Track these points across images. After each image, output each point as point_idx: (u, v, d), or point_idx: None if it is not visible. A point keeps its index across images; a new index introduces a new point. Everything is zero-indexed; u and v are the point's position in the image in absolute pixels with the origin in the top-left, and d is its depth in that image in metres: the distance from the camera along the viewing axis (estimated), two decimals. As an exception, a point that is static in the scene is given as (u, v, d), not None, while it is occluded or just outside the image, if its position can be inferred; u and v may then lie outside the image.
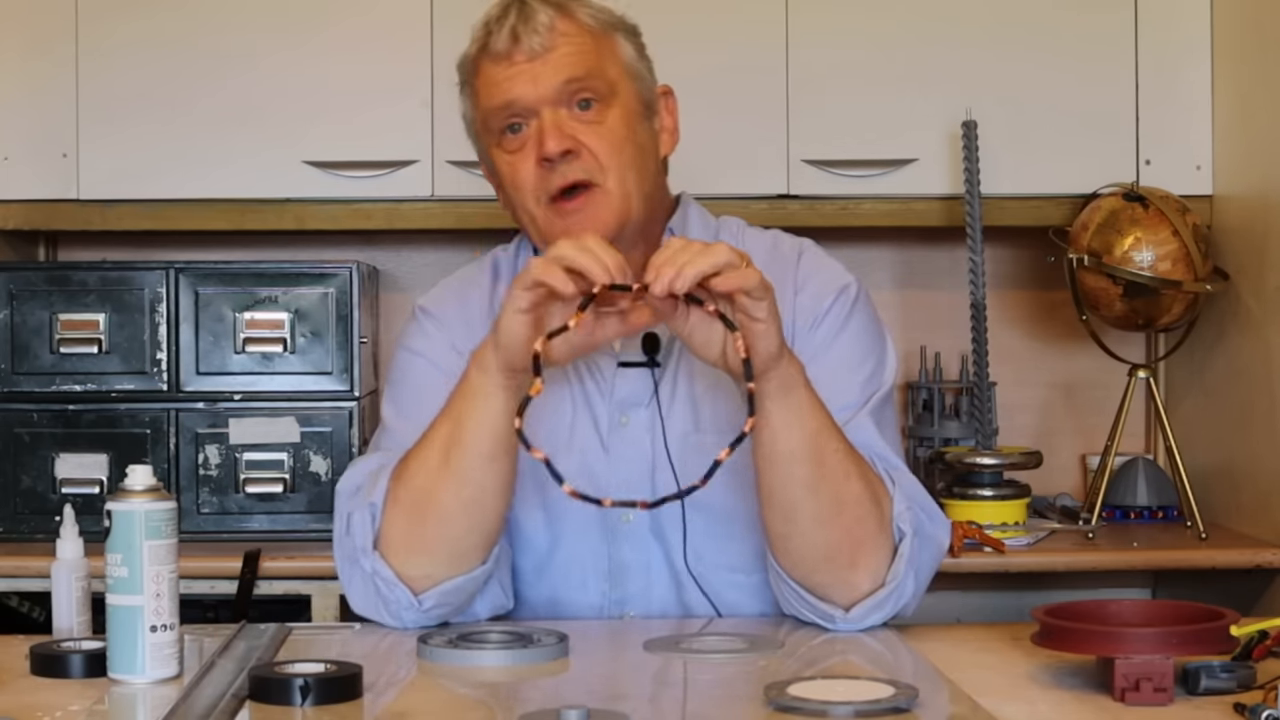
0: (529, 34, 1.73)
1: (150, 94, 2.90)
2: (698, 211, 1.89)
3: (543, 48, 1.73)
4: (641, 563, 1.80)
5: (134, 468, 1.49)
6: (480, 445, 1.63)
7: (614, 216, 1.74)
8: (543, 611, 1.82)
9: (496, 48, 1.74)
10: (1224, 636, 1.42)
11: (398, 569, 1.68)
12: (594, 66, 1.75)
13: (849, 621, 1.68)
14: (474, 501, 1.66)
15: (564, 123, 1.73)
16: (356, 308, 2.77)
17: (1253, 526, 2.81)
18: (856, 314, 1.81)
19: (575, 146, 1.73)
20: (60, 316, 2.77)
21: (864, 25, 2.94)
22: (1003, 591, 2.99)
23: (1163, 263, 2.79)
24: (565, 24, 1.75)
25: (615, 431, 1.80)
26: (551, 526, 1.81)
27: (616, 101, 1.76)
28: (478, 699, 1.48)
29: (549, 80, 1.73)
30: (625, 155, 1.75)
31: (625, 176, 1.75)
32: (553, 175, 1.73)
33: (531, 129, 1.74)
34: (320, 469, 2.76)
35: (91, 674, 1.50)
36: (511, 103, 1.74)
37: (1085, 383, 3.24)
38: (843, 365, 1.75)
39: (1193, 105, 2.94)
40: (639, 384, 1.80)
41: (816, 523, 1.63)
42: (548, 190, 1.73)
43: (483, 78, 1.76)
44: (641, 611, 1.81)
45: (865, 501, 1.64)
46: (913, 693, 1.35)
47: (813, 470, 1.61)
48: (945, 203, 2.95)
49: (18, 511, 2.77)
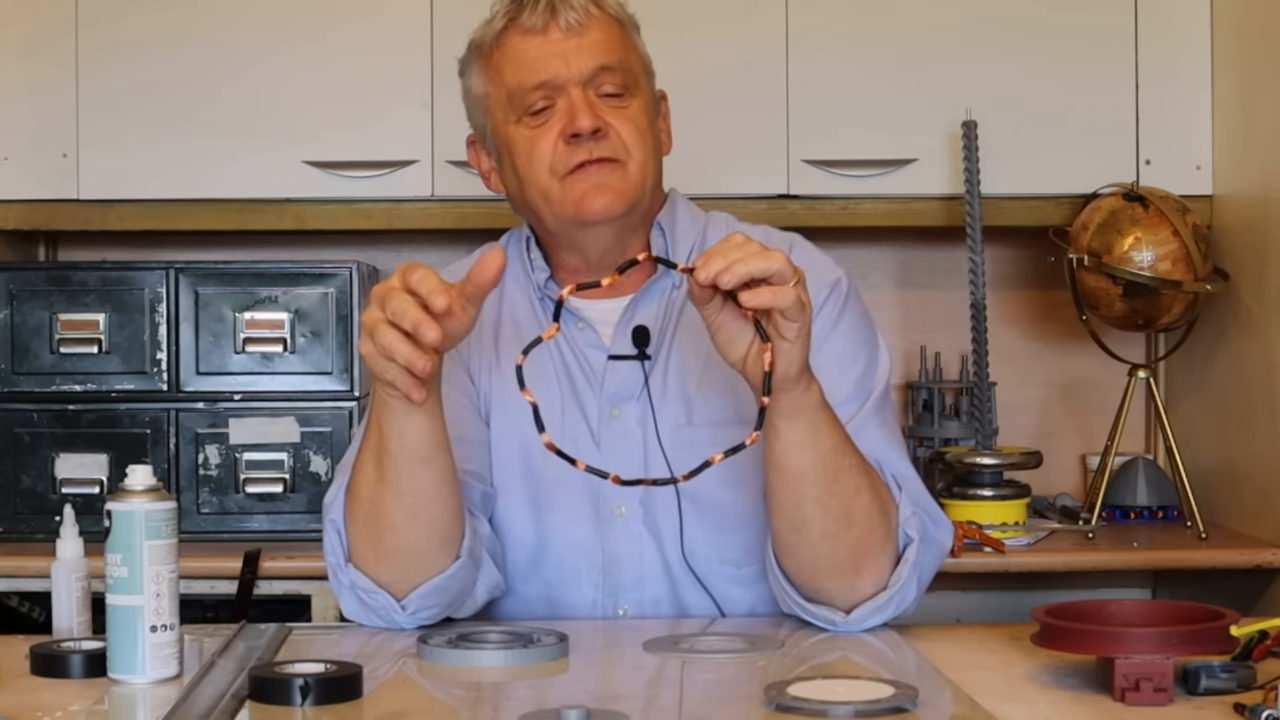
0: (566, 10, 1.74)
1: (150, 94, 2.91)
2: (685, 206, 1.90)
3: (579, 25, 1.74)
4: (634, 555, 1.80)
5: (134, 468, 1.49)
6: (407, 451, 1.60)
7: (631, 193, 1.75)
8: (536, 607, 1.82)
9: (531, 22, 1.74)
10: (1224, 636, 1.42)
11: (374, 578, 1.68)
12: (623, 57, 1.77)
13: (850, 623, 1.68)
14: (418, 508, 1.63)
15: (593, 102, 1.74)
16: (356, 308, 2.77)
17: (1253, 526, 2.81)
18: (848, 310, 1.81)
19: (604, 126, 1.74)
20: (60, 316, 2.77)
21: (864, 26, 2.94)
22: (1003, 591, 2.99)
23: (1163, 263, 2.79)
24: (597, 9, 1.77)
25: (607, 424, 1.80)
26: (541, 521, 1.80)
27: (639, 93, 1.78)
28: (477, 699, 1.48)
29: (582, 62, 1.74)
30: (647, 144, 1.77)
31: (646, 162, 1.77)
32: (578, 150, 1.73)
33: (559, 107, 1.74)
34: (320, 469, 2.76)
35: (91, 674, 1.50)
36: (545, 82, 1.74)
37: (1085, 383, 3.24)
38: (837, 362, 1.75)
39: (1193, 105, 2.95)
40: (629, 377, 1.80)
41: (825, 537, 1.63)
42: (569, 164, 1.74)
43: (510, 51, 1.76)
44: (635, 604, 1.81)
45: (875, 514, 1.64)
46: (913, 693, 1.35)
47: (825, 488, 1.61)
48: (945, 203, 2.95)
49: (18, 511, 2.77)
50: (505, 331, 1.85)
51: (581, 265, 1.83)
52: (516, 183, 1.79)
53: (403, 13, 2.91)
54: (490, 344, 1.85)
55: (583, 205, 1.74)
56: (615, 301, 1.82)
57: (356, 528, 1.67)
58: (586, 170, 1.73)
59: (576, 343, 1.83)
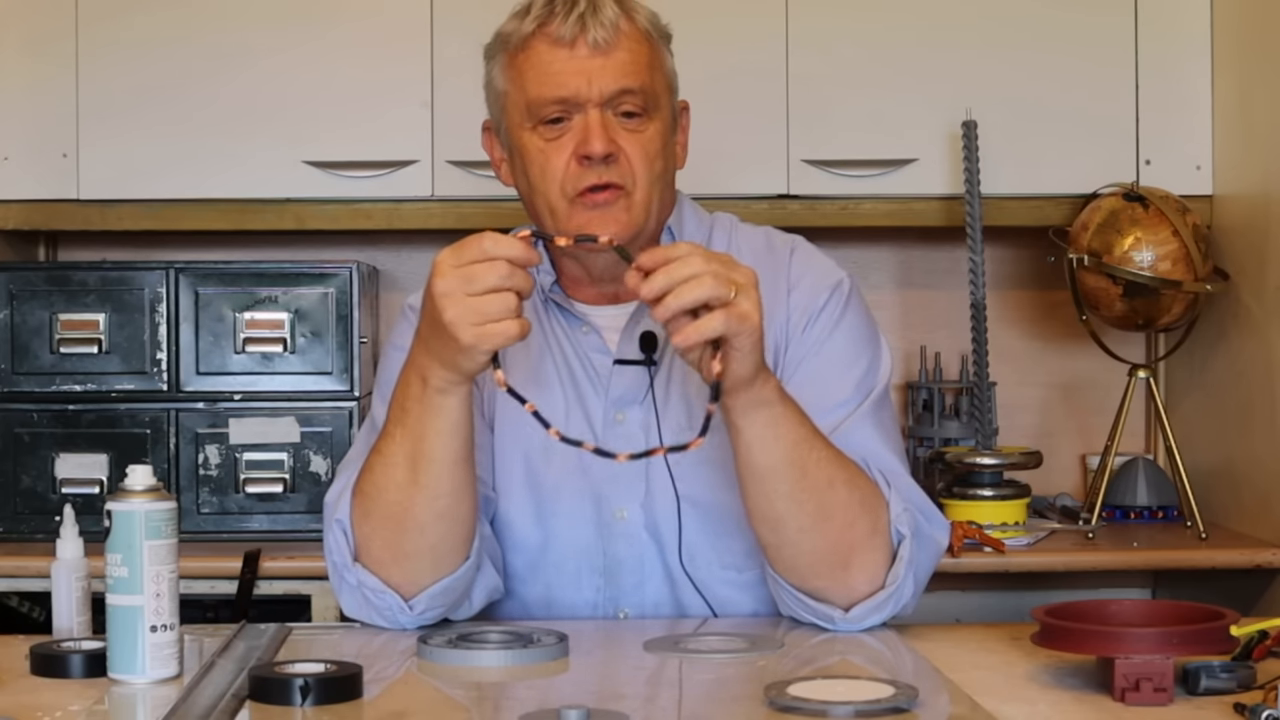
0: (596, 26, 1.73)
1: (150, 94, 2.91)
2: (692, 209, 1.90)
3: (606, 44, 1.73)
4: (635, 559, 1.80)
5: (134, 468, 1.49)
6: (448, 455, 1.63)
7: (634, 224, 1.75)
8: (536, 609, 1.82)
9: (560, 32, 1.73)
10: (1224, 636, 1.42)
11: (384, 579, 1.69)
12: (646, 80, 1.76)
13: (848, 622, 1.68)
14: (448, 509, 1.66)
15: (609, 124, 1.74)
16: (356, 308, 2.77)
17: (1253, 526, 2.81)
18: (850, 311, 1.81)
19: (616, 151, 1.74)
20: (60, 316, 2.77)
21: (864, 26, 2.94)
22: (1003, 591, 2.99)
23: (1163, 263, 2.79)
24: (628, 25, 1.75)
25: (611, 428, 1.81)
26: (543, 524, 1.81)
27: (658, 115, 1.78)
28: (477, 699, 1.48)
29: (605, 83, 1.73)
30: (655, 169, 1.77)
31: (651, 189, 1.76)
32: (588, 173, 1.73)
33: (574, 124, 1.74)
34: (320, 469, 2.76)
35: (91, 674, 1.50)
36: (565, 99, 1.73)
37: (1085, 383, 3.24)
38: (837, 363, 1.75)
39: (1193, 105, 2.95)
40: (634, 382, 1.81)
41: (802, 532, 1.64)
42: (578, 185, 1.74)
43: (534, 59, 1.75)
44: (636, 608, 1.81)
45: (853, 506, 1.64)
46: (913, 693, 1.35)
47: (794, 483, 1.61)
48: (945, 203, 2.95)
49: (18, 511, 2.77)
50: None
51: (583, 276, 1.84)
52: (527, 187, 1.80)
53: (403, 12, 2.91)
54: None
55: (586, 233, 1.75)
56: (622, 307, 1.83)
57: (372, 528, 1.68)
58: (593, 199, 1.74)
59: (582, 347, 1.84)
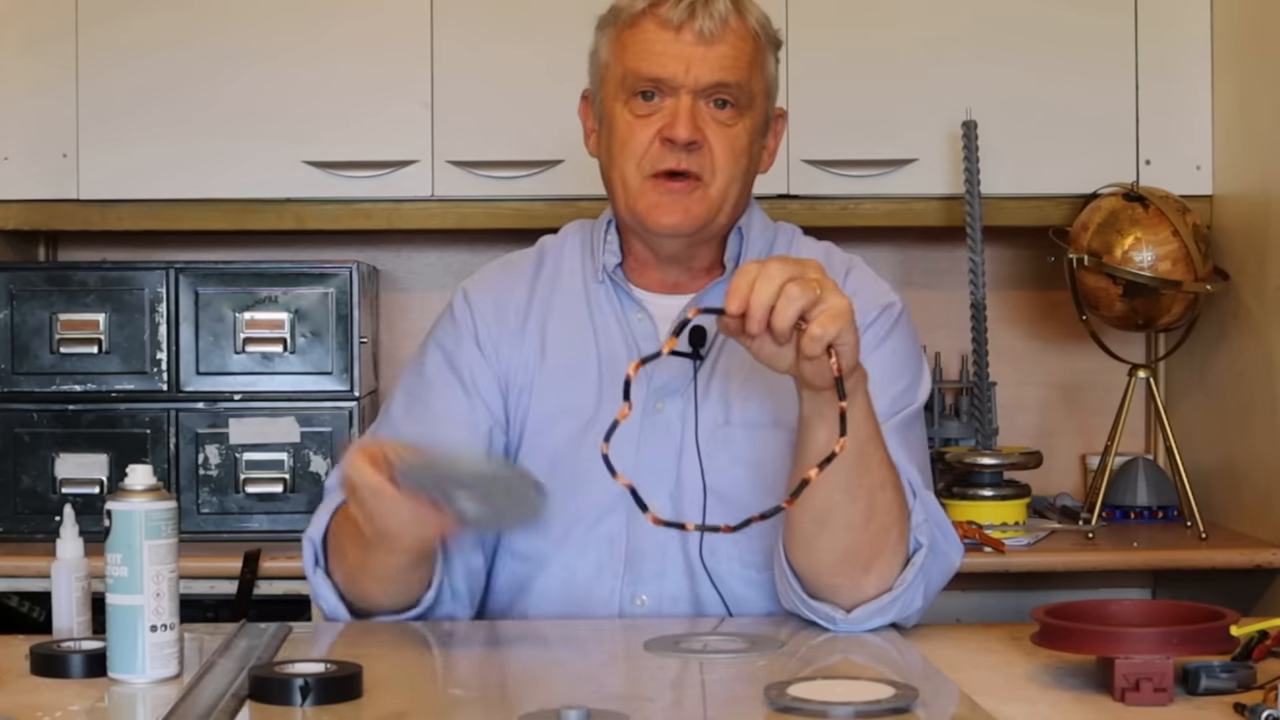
0: (705, 16, 1.76)
1: (150, 94, 2.90)
2: (760, 216, 1.94)
3: (711, 35, 1.76)
4: (658, 547, 1.81)
5: (134, 467, 1.49)
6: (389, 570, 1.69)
7: (704, 215, 1.79)
8: (555, 593, 1.82)
9: (669, 15, 1.77)
10: (1224, 636, 1.42)
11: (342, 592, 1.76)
12: (744, 78, 1.79)
13: (850, 622, 1.68)
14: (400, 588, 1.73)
15: (699, 113, 1.77)
16: (356, 308, 2.77)
17: (1253, 526, 2.81)
18: (897, 332, 1.84)
19: (700, 140, 1.77)
20: (60, 316, 2.77)
21: (864, 26, 2.94)
22: (1003, 591, 2.99)
23: (1163, 263, 2.79)
24: (737, 21, 1.79)
25: (650, 416, 1.82)
26: (566, 510, 1.79)
27: (750, 114, 1.81)
28: (477, 699, 1.48)
29: (703, 73, 1.76)
30: (738, 166, 1.80)
31: (729, 185, 1.80)
32: (669, 155, 1.77)
33: (666, 105, 1.78)
34: (320, 469, 2.76)
35: (91, 674, 1.50)
36: (662, 80, 1.77)
37: (1085, 383, 3.24)
38: (877, 378, 1.74)
39: (1193, 105, 2.94)
40: (679, 373, 1.82)
41: (847, 528, 1.64)
42: (656, 166, 1.77)
43: (640, 35, 1.79)
44: (654, 596, 1.81)
45: (894, 510, 1.65)
46: (913, 693, 1.35)
47: (856, 478, 1.62)
48: (945, 203, 2.95)
49: (18, 511, 2.77)
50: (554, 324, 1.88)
51: (649, 259, 1.87)
52: (608, 157, 1.83)
53: (402, 12, 2.91)
54: (536, 335, 1.87)
55: (652, 215, 1.79)
56: (676, 298, 1.87)
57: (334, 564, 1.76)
58: (668, 185, 1.77)
59: (633, 332, 1.86)
